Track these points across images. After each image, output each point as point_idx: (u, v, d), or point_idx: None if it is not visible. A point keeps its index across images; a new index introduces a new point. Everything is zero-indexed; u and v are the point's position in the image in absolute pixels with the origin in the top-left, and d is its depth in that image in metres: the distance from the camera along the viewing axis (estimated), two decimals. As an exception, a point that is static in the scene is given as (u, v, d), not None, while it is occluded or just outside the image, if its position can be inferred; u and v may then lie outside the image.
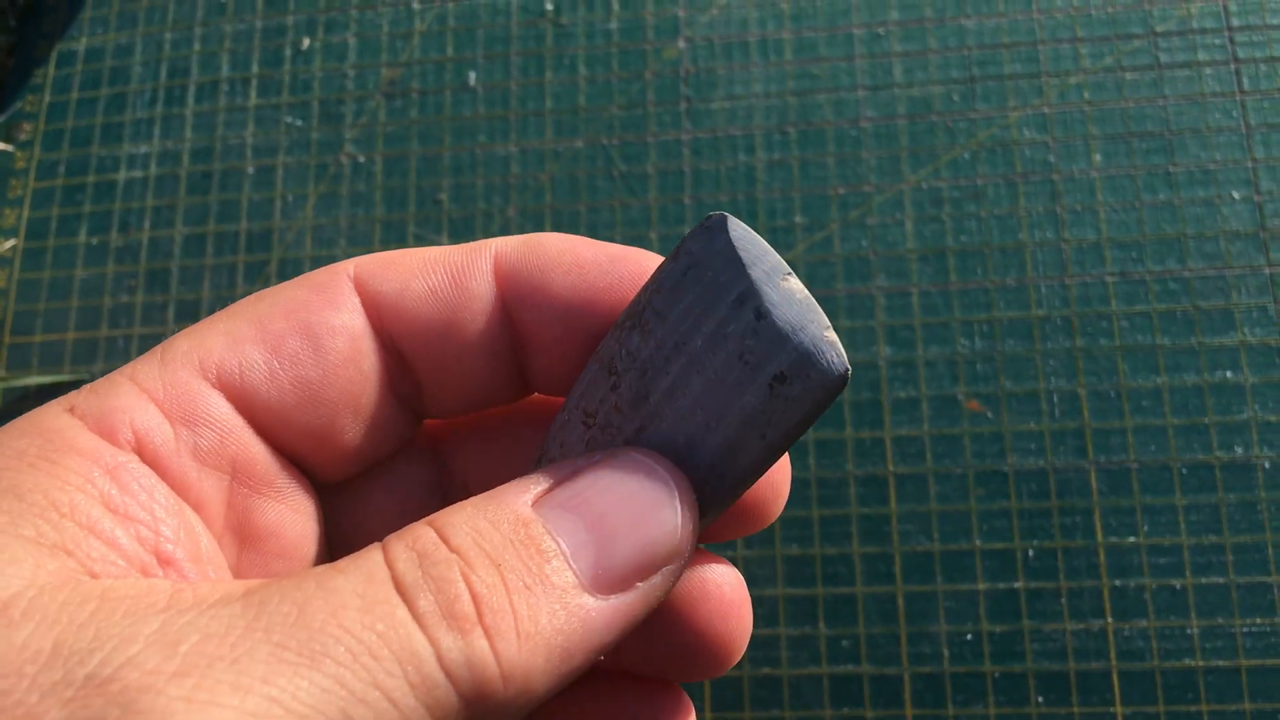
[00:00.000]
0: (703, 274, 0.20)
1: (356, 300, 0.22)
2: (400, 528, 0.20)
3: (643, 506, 0.19)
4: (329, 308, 0.21)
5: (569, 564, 0.18)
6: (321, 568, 0.17)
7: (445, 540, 0.17)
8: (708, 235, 0.20)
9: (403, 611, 0.16)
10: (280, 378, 0.21)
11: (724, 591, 0.23)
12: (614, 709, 0.23)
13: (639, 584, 0.18)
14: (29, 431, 0.18)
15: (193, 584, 0.17)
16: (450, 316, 0.22)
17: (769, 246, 0.20)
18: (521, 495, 0.18)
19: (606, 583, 0.18)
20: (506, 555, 0.17)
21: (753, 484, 0.20)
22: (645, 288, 0.21)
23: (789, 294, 0.19)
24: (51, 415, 0.19)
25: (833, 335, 0.19)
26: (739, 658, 0.23)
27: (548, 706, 0.23)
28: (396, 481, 0.24)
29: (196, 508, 0.20)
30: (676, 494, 0.19)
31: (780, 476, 0.23)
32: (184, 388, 0.20)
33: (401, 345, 0.22)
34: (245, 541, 0.21)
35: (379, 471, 0.24)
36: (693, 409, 0.19)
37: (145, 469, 0.19)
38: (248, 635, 0.15)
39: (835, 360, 0.19)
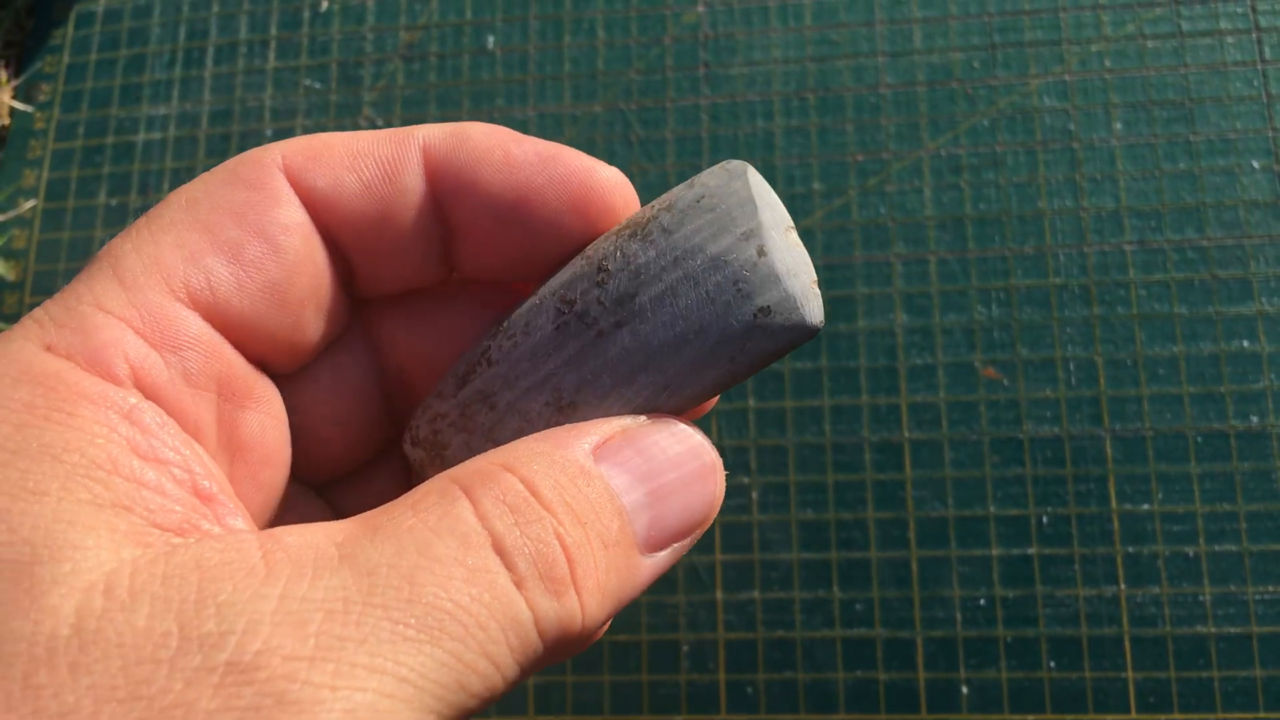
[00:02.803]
0: (715, 205, 0.21)
1: (294, 195, 0.21)
2: (343, 415, 0.22)
3: (692, 477, 0.20)
4: (275, 206, 0.21)
5: (629, 524, 0.19)
6: (410, 521, 0.17)
7: (534, 494, 0.18)
8: (726, 175, 0.22)
9: (504, 578, 0.17)
10: (248, 286, 0.21)
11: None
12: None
13: (675, 544, 0.20)
14: (21, 379, 0.18)
15: (276, 539, 0.17)
16: (384, 209, 0.22)
17: (779, 200, 0.22)
18: (579, 444, 0.19)
19: (654, 543, 0.19)
20: (589, 514, 0.18)
21: (691, 409, 0.22)
22: (653, 205, 0.22)
23: (790, 244, 0.21)
24: (33, 354, 0.18)
25: (817, 290, 0.21)
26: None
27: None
28: (336, 368, 0.24)
29: (195, 433, 0.20)
30: (718, 469, 0.20)
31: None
32: (161, 312, 0.19)
33: (337, 236, 0.22)
34: (234, 455, 0.21)
35: (319, 358, 0.24)
36: (676, 319, 0.21)
37: (153, 407, 0.19)
38: (368, 613, 0.16)
39: (814, 311, 0.21)
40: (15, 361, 0.18)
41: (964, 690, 0.44)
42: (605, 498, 0.19)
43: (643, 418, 0.20)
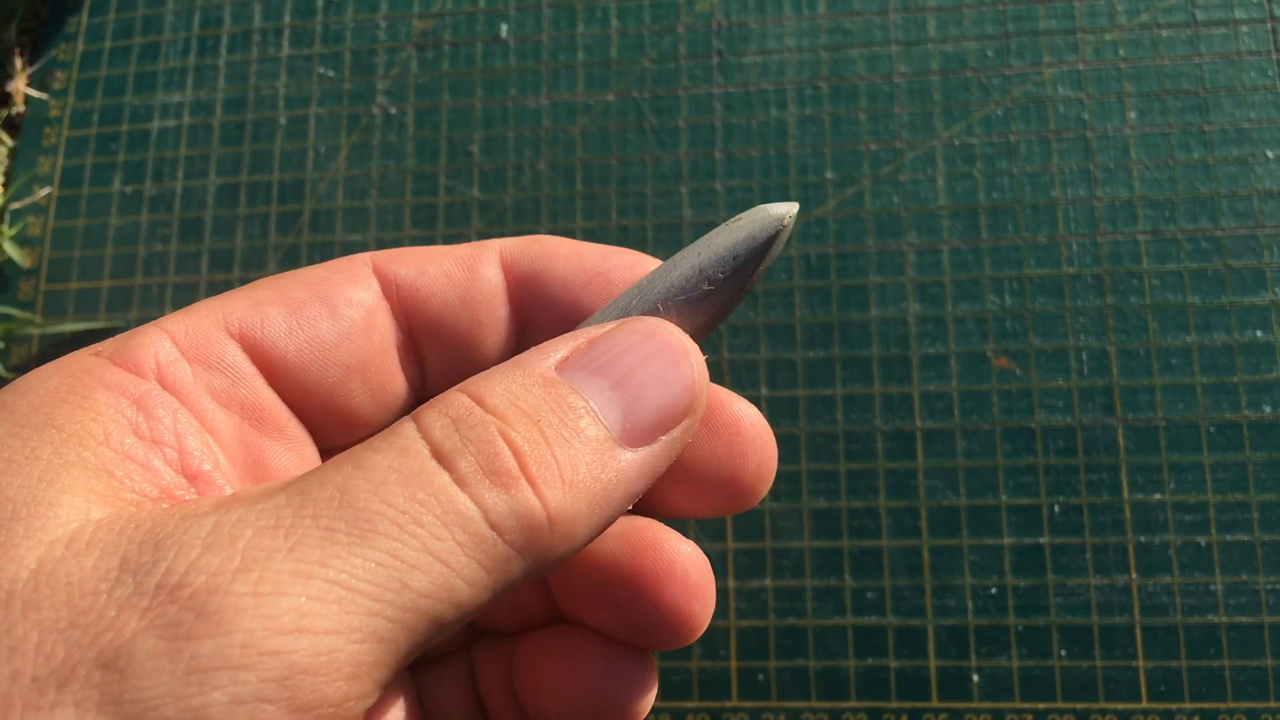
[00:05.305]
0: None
1: (374, 281, 0.23)
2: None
3: (663, 365, 0.20)
4: (347, 284, 0.23)
5: (599, 419, 0.19)
6: (355, 448, 0.18)
7: (480, 402, 0.18)
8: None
9: (442, 478, 0.17)
10: (297, 335, 0.22)
11: (689, 575, 0.24)
12: (584, 666, 0.24)
13: (662, 437, 0.20)
14: (59, 373, 0.19)
15: (234, 493, 0.18)
16: (463, 295, 0.24)
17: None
18: (544, 359, 0.20)
19: (635, 436, 0.19)
20: (543, 412, 0.18)
21: (678, 307, 0.22)
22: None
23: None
24: (79, 358, 0.20)
25: (795, 209, 0.22)
26: (701, 633, 0.25)
27: (523, 659, 0.25)
28: None
29: (213, 434, 0.21)
30: (691, 352, 0.20)
31: (767, 453, 0.25)
32: (204, 334, 0.21)
33: (415, 324, 0.24)
34: (258, 480, 0.22)
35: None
36: (668, 263, 0.22)
37: (167, 396, 0.20)
38: (298, 524, 0.16)
39: (782, 209, 0.21)
40: (63, 361, 0.20)
41: (975, 678, 0.44)
42: (568, 398, 0.19)
43: (611, 323, 0.21)
